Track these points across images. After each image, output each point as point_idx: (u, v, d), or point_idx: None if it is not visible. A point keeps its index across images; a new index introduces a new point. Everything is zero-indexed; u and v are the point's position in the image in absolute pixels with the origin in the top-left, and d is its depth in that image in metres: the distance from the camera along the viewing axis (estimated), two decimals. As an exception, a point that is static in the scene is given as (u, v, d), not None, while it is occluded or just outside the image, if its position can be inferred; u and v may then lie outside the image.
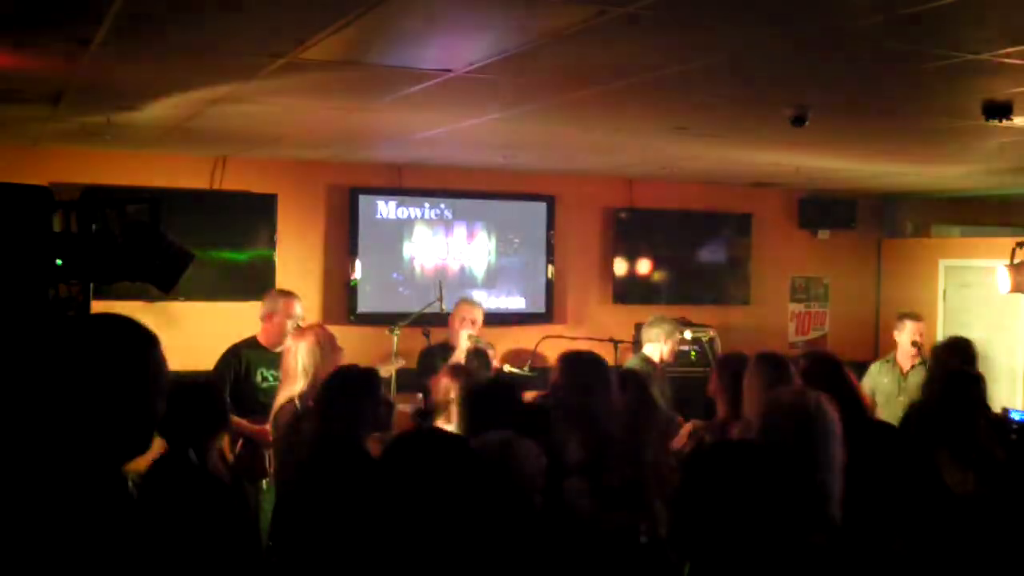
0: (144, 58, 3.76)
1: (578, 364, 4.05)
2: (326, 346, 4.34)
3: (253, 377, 5.12)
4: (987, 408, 4.63)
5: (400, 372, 6.15)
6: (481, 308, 6.25)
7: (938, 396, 4.48)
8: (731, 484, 2.21)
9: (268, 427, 4.50)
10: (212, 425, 3.51)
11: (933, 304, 8.48)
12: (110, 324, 1.94)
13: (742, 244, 8.58)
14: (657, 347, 6.02)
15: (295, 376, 4.26)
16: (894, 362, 6.54)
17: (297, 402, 4.19)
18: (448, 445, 2.45)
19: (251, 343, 5.28)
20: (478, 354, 5.87)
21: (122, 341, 1.90)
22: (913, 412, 4.75)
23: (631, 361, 6.16)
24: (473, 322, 6.06)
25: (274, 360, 4.89)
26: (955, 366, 5.15)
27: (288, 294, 5.42)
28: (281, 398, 4.29)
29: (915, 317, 6.69)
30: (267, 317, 5.31)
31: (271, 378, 5.03)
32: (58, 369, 1.84)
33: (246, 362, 5.15)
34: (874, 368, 6.69)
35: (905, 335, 6.62)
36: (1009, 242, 6.38)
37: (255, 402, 4.97)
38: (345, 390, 3.73)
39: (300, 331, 4.63)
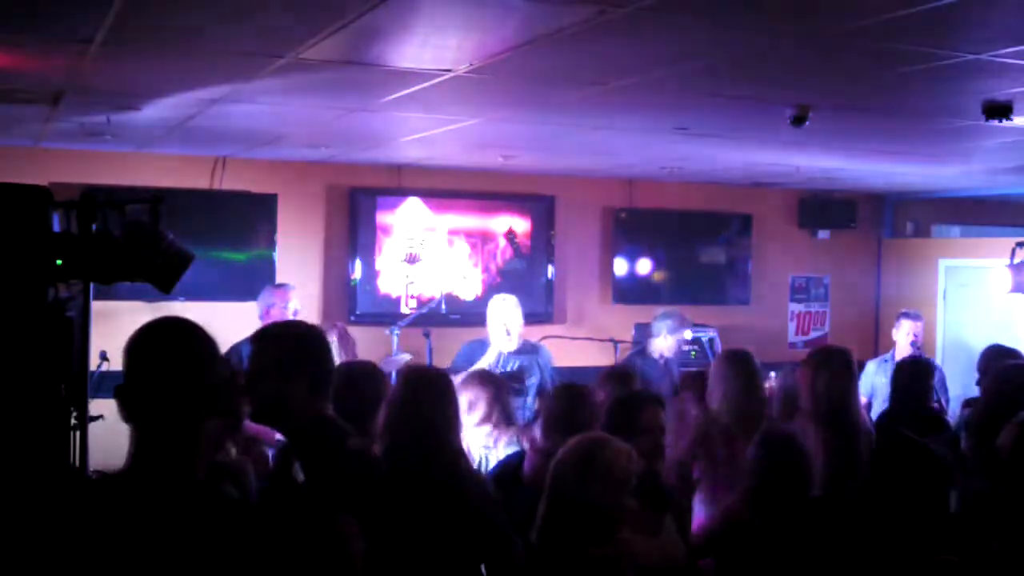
0: (144, 58, 3.76)
1: None
2: (345, 343, 4.37)
3: None
4: None
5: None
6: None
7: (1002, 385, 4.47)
8: None
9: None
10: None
11: (933, 304, 8.47)
12: None
13: (742, 244, 8.57)
14: (656, 343, 6.15)
15: None
16: (892, 361, 6.50)
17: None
18: None
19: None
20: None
21: None
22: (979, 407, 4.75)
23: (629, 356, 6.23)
24: None
25: None
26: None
27: (280, 286, 5.44)
28: None
29: (914, 316, 6.67)
30: (265, 313, 5.33)
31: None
32: None
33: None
34: (871, 367, 6.67)
35: (903, 334, 6.61)
36: (1009, 242, 6.38)
37: None
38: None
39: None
